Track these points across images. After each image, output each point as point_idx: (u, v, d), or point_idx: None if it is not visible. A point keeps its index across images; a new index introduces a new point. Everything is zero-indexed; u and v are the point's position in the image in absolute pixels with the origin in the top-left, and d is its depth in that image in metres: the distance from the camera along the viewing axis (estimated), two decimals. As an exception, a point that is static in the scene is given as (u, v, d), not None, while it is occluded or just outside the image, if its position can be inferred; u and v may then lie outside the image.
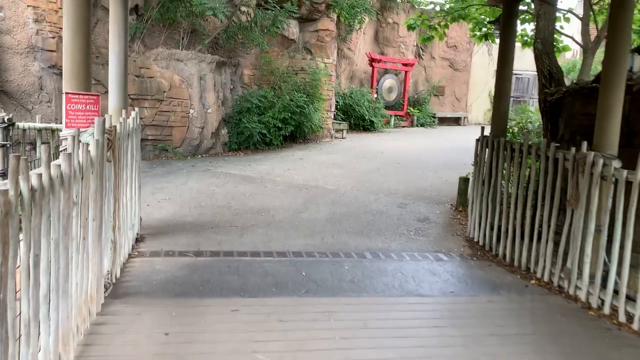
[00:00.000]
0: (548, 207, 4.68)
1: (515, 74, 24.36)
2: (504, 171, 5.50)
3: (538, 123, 11.59)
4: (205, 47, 11.16)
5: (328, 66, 13.48)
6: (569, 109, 5.43)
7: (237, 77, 12.31)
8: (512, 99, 24.43)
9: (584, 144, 4.28)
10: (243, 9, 11.71)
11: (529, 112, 12.49)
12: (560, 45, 12.89)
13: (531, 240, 4.95)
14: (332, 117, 14.33)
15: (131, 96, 9.65)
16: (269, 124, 11.68)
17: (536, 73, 7.62)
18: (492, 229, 5.60)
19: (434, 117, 21.09)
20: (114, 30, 5.02)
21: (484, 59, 23.59)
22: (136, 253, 4.93)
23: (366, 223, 6.45)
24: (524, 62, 24.03)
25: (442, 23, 12.08)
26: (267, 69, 12.75)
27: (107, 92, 5.37)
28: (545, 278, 4.66)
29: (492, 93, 20.05)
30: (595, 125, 4.35)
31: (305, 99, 12.23)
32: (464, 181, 7.22)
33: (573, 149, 4.39)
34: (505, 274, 4.94)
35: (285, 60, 13.00)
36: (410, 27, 12.27)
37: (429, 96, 21.46)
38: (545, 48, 6.88)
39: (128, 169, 4.66)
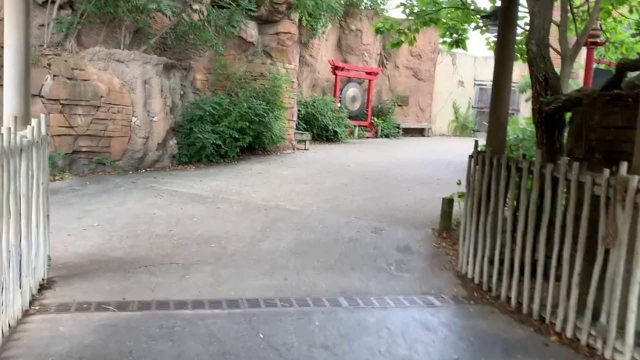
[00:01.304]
0: (569, 242, 3.72)
1: (479, 84, 24.02)
2: (506, 195, 4.55)
3: (514, 134, 10.85)
4: (151, 47, 9.91)
5: (290, 72, 12.42)
6: (584, 120, 4.53)
7: (188, 82, 11.08)
8: (475, 109, 24.04)
9: (623, 166, 3.34)
10: (195, 6, 10.53)
11: (514, 125, 11.75)
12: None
13: (546, 280, 3.99)
14: (294, 127, 13.27)
15: (61, 101, 8.31)
16: (224, 134, 10.50)
17: (528, 80, 6.75)
18: (491, 263, 4.63)
19: (399, 128, 20.34)
20: (9, 11, 3.80)
21: (448, 69, 23.09)
22: (37, 307, 3.69)
23: (338, 255, 5.37)
24: (488, 72, 23.68)
25: (413, 27, 11.24)
26: (222, 73, 11.58)
27: None
28: (569, 333, 3.69)
29: (457, 103, 19.42)
30: (636, 141, 3.42)
31: (265, 107, 11.13)
32: (447, 203, 6.26)
33: (606, 172, 3.45)
34: (514, 326, 3.94)
35: (243, 64, 11.86)
36: (378, 31, 11.36)
37: (393, 106, 20.71)
38: (540, 50, 6.00)
39: (23, 198, 3.44)
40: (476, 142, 4.99)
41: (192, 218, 6.42)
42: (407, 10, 11.08)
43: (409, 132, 21.25)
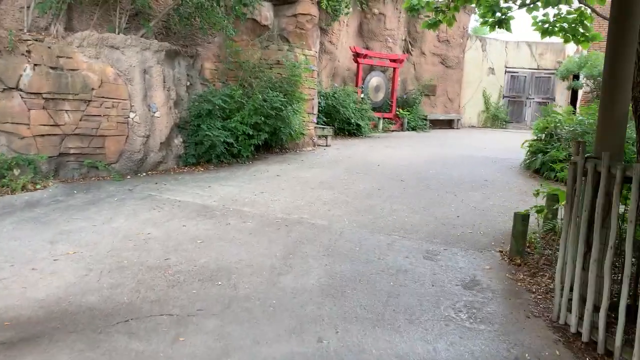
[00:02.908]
0: None
1: (510, 72, 22.35)
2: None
3: (570, 127, 9.36)
4: (151, 31, 8.59)
5: (309, 59, 11.03)
6: None
7: (195, 72, 9.77)
8: (507, 99, 22.42)
9: None
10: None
11: (556, 113, 10.24)
12: (589, 34, 10.72)
13: None
14: (315, 121, 11.88)
15: (43, 95, 7.04)
16: (236, 130, 9.17)
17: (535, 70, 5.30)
18: (611, 316, 3.24)
19: (426, 120, 18.82)
20: None
21: (477, 55, 21.50)
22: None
23: (386, 296, 4.00)
24: (520, 58, 22.02)
25: (452, 4, 9.75)
26: (233, 61, 10.25)
27: None
28: None
29: (487, 92, 17.81)
30: None
31: (283, 99, 9.76)
32: (522, 220, 4.84)
33: None
34: None
35: (257, 51, 10.51)
36: (411, 10, 9.89)
37: (420, 96, 19.18)
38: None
39: None
40: (582, 144, 3.55)
41: (196, 240, 5.10)
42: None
43: (436, 124, 19.73)
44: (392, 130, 17.33)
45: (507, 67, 22.10)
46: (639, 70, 4.60)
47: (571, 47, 20.30)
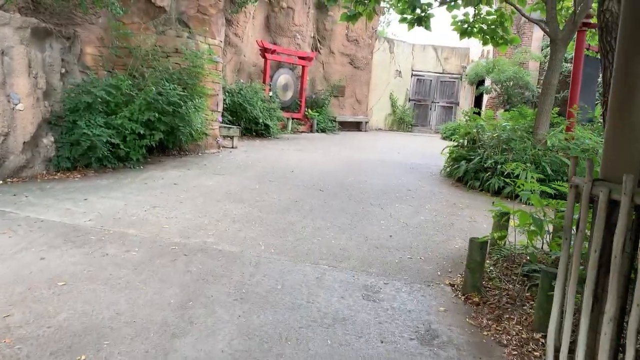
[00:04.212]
0: None
1: (417, 75, 22.30)
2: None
3: (494, 133, 8.88)
4: (11, 2, 6.85)
5: (214, 49, 9.68)
6: None
7: (72, 57, 8.07)
8: (413, 102, 22.35)
9: None
10: (81, -50, 7.54)
11: (476, 118, 9.78)
12: (508, 36, 10.41)
13: None
14: (220, 119, 10.55)
15: None
16: (123, 128, 7.65)
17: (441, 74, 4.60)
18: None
19: (335, 121, 18.09)
20: None
21: (385, 57, 21.22)
22: None
23: (325, 364, 2.92)
24: (426, 62, 22.04)
25: (373, -5, 8.92)
26: (122, 46, 8.68)
27: None
28: None
29: (394, 95, 17.48)
30: None
31: (182, 93, 8.37)
32: (479, 249, 3.96)
33: None
34: None
35: (151, 36, 8.99)
36: (330, 0, 8.94)
37: (329, 97, 18.40)
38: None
39: None
40: (590, 162, 2.67)
41: (57, 281, 3.68)
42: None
43: (345, 125, 19.10)
44: (302, 132, 16.37)
45: (413, 71, 22.05)
46: (611, 73, 3.93)
47: (475, 53, 20.58)
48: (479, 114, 12.22)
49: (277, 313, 3.45)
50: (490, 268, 4.39)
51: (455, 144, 9.62)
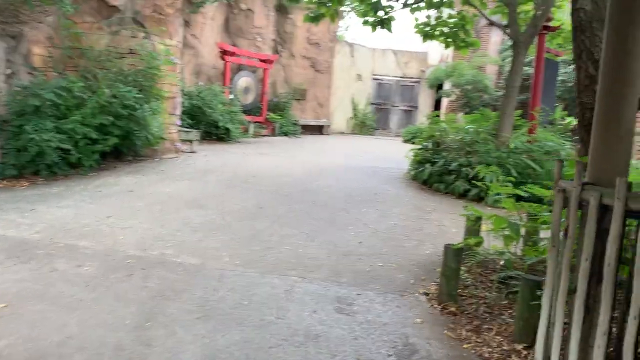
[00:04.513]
0: None
1: (377, 79, 22.33)
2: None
3: (458, 136, 8.85)
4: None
5: (171, 50, 9.31)
6: None
7: (18, 57, 7.57)
8: (374, 105, 22.37)
9: None
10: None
11: (439, 121, 9.75)
12: (470, 40, 10.45)
13: None
14: (178, 123, 10.16)
15: None
16: (75, 133, 7.22)
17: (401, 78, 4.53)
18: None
19: (297, 125, 17.88)
20: None
21: (346, 61, 21.16)
22: None
23: (299, 387, 2.69)
24: (386, 66, 22.11)
25: (336, -4, 8.78)
26: (73, 47, 8.25)
27: None
28: None
29: (355, 99, 17.43)
30: None
31: (138, 96, 7.98)
32: (455, 256, 3.81)
33: None
34: None
35: (104, 36, 8.56)
36: (293, 0, 8.74)
37: (291, 100, 18.18)
38: (598, 12, 3.81)
39: None
40: (580, 165, 2.53)
41: (-4, 303, 3.32)
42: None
43: (307, 129, 18.91)
44: (264, 135, 16.07)
45: (374, 74, 22.06)
46: (591, 70, 3.87)
47: (433, 57, 20.77)
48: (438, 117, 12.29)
49: (244, 332, 3.19)
50: (465, 275, 4.25)
51: (419, 147, 9.54)
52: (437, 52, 20.01)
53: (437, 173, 8.44)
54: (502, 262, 4.46)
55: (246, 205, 6.48)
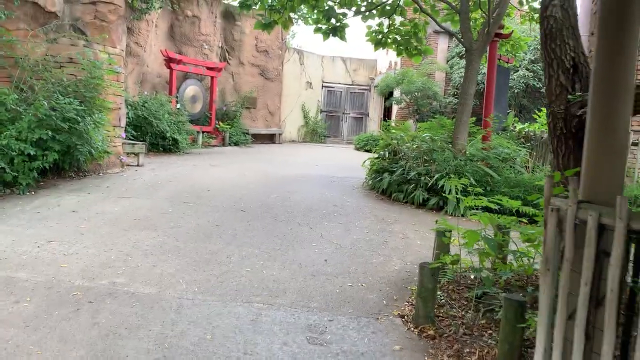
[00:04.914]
0: None
1: (327, 86, 22.26)
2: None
3: (414, 145, 8.78)
4: None
5: (114, 58, 8.79)
6: None
7: (-58, 67, 6.91)
8: (324, 113, 22.27)
9: None
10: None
11: (395, 129, 9.67)
12: (422, 47, 10.46)
13: None
14: (123, 135, 9.62)
15: None
16: (10, 149, 6.63)
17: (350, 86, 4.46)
18: None
19: (248, 134, 17.51)
20: None
21: (295, 69, 20.97)
22: None
23: None
24: (336, 73, 22.08)
25: (288, 3, 8.56)
26: (6, 56, 7.63)
27: None
28: None
29: (306, 107, 17.27)
30: None
31: (79, 108, 7.45)
32: (431, 275, 3.62)
33: None
34: None
35: (41, 44, 7.97)
36: (243, 7, 8.44)
37: (241, 109, 17.81)
38: (568, 18, 3.74)
39: None
40: (575, 181, 2.37)
41: None
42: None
43: (258, 138, 18.58)
44: (213, 145, 15.61)
45: (324, 82, 21.98)
46: (561, 78, 3.80)
47: (382, 64, 20.90)
48: (392, 125, 12.29)
49: (211, 372, 2.87)
50: (438, 293, 4.08)
51: (376, 155, 9.42)
52: (386, 60, 20.15)
53: (396, 182, 8.33)
54: (472, 276, 4.33)
55: (200, 223, 6.11)
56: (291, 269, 4.71)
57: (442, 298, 4.02)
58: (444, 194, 7.42)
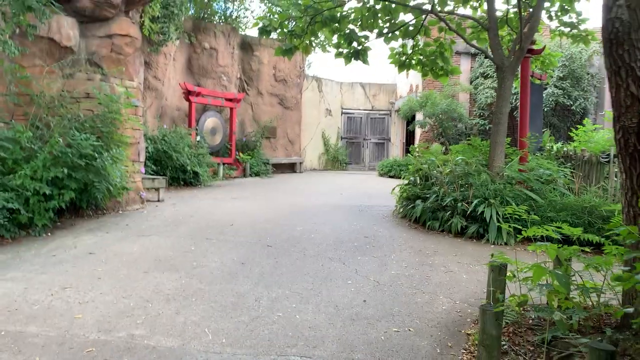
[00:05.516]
0: None
1: (347, 113, 21.97)
2: None
3: (448, 169, 8.29)
4: None
5: (132, 92, 8.55)
6: None
7: (-45, 106, 6.70)
8: (345, 140, 21.93)
9: None
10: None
11: (427, 154, 9.20)
12: (449, 67, 10.05)
13: None
14: (143, 170, 9.32)
15: None
16: (24, 189, 6.33)
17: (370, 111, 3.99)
18: None
19: (268, 164, 17.19)
20: None
21: (314, 96, 20.75)
22: None
23: None
24: (355, 99, 21.81)
25: (309, 28, 8.26)
26: (22, 93, 7.40)
27: None
28: None
29: (326, 134, 16.90)
30: None
31: (96, 143, 7.15)
32: (495, 319, 3.10)
33: None
34: None
35: (57, 79, 7.76)
36: (263, 32, 8.15)
37: (261, 139, 17.54)
38: (637, 21, 3.28)
39: None
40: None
41: None
42: (301, 3, 8.08)
43: (279, 167, 18.25)
44: (234, 177, 15.31)
45: (343, 108, 21.72)
46: (626, 91, 3.33)
47: (403, 88, 20.58)
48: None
49: None
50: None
51: (406, 182, 8.95)
52: (406, 83, 19.83)
53: (429, 210, 7.83)
54: (534, 316, 3.80)
55: (225, 261, 5.67)
56: (327, 312, 4.23)
57: (504, 344, 3.49)
58: (484, 221, 6.90)
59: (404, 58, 9.85)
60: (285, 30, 8.21)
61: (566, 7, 8.88)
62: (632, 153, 3.30)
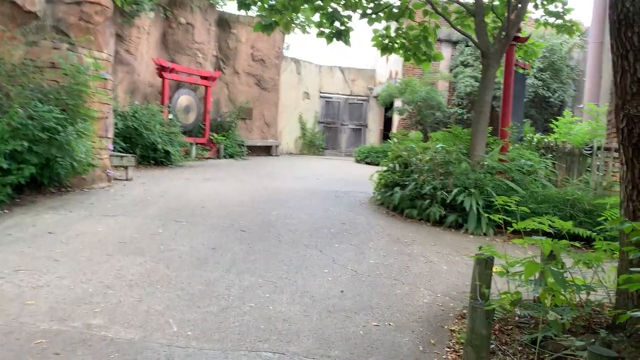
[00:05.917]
0: None
1: (325, 97, 21.61)
2: None
3: (428, 156, 8.09)
4: None
5: (101, 63, 8.07)
6: None
7: None
8: (322, 124, 21.60)
9: None
10: None
11: (407, 140, 8.98)
12: (432, 53, 9.82)
13: None
14: (111, 147, 8.86)
15: None
16: (-21, 163, 5.88)
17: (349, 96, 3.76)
18: None
19: (243, 146, 16.79)
20: None
21: (292, 78, 20.31)
22: None
23: None
24: (334, 84, 21.46)
25: (291, 3, 7.91)
26: (-22, 59, 6.87)
27: None
28: None
29: (304, 118, 16.51)
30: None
31: (60, 116, 6.71)
32: (485, 318, 2.89)
33: None
34: None
35: (18, 46, 7.25)
36: (242, 6, 7.78)
37: (236, 120, 17.11)
38: (645, 4, 3.06)
39: None
40: None
41: None
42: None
43: (254, 150, 17.86)
44: (207, 158, 14.88)
45: (321, 92, 21.34)
46: (633, 77, 3.12)
47: (381, 74, 20.33)
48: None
49: None
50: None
51: (385, 168, 8.73)
52: (386, 69, 19.57)
53: (408, 197, 7.63)
54: (520, 313, 3.62)
55: (195, 245, 5.36)
56: (302, 303, 3.97)
57: (492, 343, 3.29)
58: (463, 210, 6.73)
59: (387, 41, 9.57)
60: (265, 5, 7.83)
61: (553, -5, 8.71)
62: (637, 143, 3.11)
